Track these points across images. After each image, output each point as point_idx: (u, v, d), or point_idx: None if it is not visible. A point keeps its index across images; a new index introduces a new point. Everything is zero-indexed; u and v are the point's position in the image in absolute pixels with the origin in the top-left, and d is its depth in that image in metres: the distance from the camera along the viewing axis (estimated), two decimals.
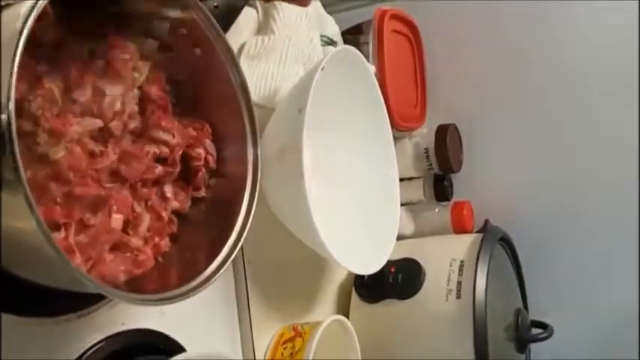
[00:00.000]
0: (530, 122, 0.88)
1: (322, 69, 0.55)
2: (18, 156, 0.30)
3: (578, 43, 0.84)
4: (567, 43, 0.85)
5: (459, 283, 0.66)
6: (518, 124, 0.88)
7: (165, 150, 0.42)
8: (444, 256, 0.70)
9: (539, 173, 0.87)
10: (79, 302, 0.41)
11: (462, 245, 0.71)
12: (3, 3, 0.37)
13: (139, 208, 0.40)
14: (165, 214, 0.42)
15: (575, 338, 0.81)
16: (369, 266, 0.62)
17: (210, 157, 0.46)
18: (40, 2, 0.32)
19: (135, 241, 0.39)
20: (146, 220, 0.40)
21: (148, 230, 0.40)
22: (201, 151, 0.46)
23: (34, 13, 0.32)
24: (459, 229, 0.85)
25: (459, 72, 0.90)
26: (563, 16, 0.84)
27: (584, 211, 0.85)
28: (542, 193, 0.87)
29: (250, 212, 0.44)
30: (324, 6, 0.78)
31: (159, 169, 0.42)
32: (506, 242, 0.78)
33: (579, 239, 0.85)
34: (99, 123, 0.38)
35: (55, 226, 0.34)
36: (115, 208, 0.37)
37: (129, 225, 0.40)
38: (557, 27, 0.85)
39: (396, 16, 0.81)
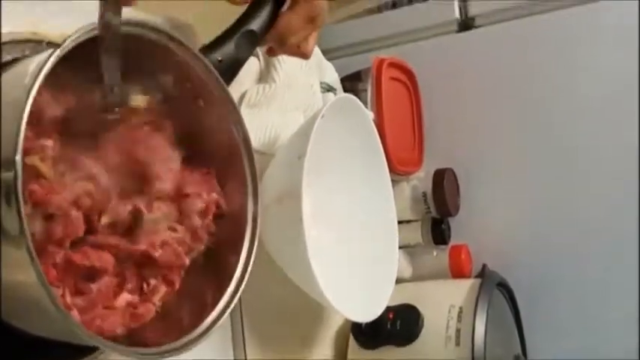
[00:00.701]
0: (527, 167, 0.89)
1: (322, 117, 0.56)
2: (22, 208, 0.30)
3: (577, 89, 0.85)
4: (565, 89, 0.86)
5: (458, 330, 0.66)
6: (515, 168, 0.89)
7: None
8: (443, 302, 0.70)
9: (537, 217, 0.88)
10: (75, 352, 0.41)
11: (461, 291, 0.71)
12: (4, 60, 0.37)
13: None
14: None
15: None
16: (368, 313, 0.62)
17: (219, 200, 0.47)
18: (52, 58, 0.33)
19: (134, 297, 0.39)
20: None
21: (148, 285, 0.40)
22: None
23: (47, 67, 0.33)
24: (457, 273, 0.84)
25: (457, 117, 0.92)
26: (561, 63, 0.86)
27: (582, 256, 0.85)
28: (539, 237, 0.88)
29: (249, 262, 0.44)
30: (324, 52, 0.80)
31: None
32: (504, 287, 0.78)
33: (578, 284, 0.84)
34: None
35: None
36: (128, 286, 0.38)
37: None
38: (554, 73, 0.87)
39: (394, 64, 0.84)
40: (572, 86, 0.86)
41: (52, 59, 0.33)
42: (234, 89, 0.55)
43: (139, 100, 0.40)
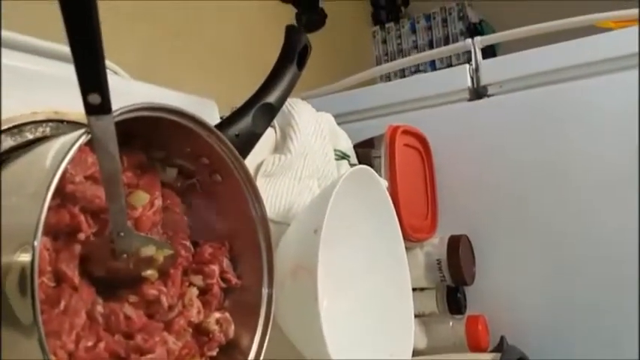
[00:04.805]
0: (543, 233, 0.87)
1: (338, 189, 0.55)
2: (37, 299, 0.29)
3: (590, 158, 0.85)
4: (577, 157, 0.85)
5: None
6: (531, 235, 0.88)
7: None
8: None
9: (555, 286, 0.86)
10: None
11: None
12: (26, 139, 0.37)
13: None
14: None
15: None
16: None
17: (227, 275, 0.46)
18: (81, 138, 0.33)
19: None
20: None
21: None
22: (215, 267, 0.45)
23: (75, 148, 0.33)
24: (474, 345, 0.82)
25: (470, 184, 0.91)
26: (573, 132, 0.86)
27: (601, 327, 0.82)
28: (557, 307, 0.85)
29: (264, 341, 0.43)
30: (336, 117, 0.81)
31: None
32: None
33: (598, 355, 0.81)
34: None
35: None
36: None
37: None
38: (566, 142, 0.86)
39: (407, 132, 0.84)
40: (585, 155, 0.85)
41: (82, 139, 0.33)
42: (251, 159, 0.55)
43: (150, 250, 0.38)
